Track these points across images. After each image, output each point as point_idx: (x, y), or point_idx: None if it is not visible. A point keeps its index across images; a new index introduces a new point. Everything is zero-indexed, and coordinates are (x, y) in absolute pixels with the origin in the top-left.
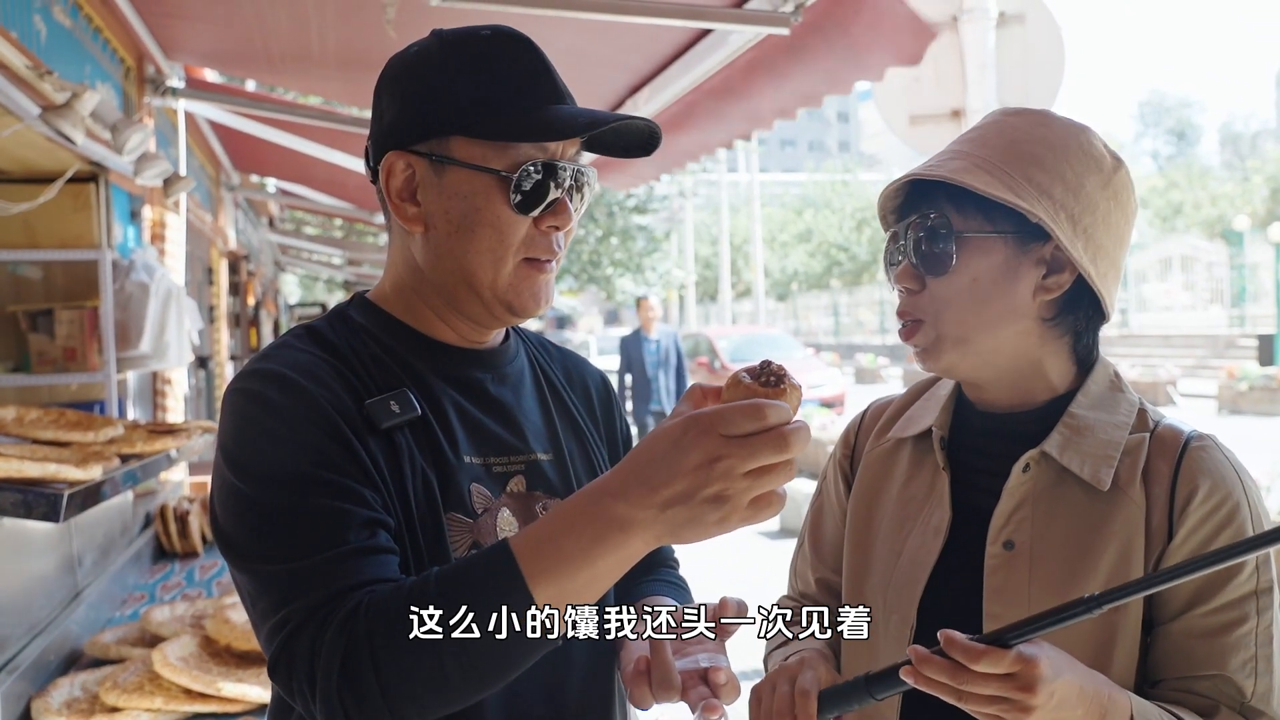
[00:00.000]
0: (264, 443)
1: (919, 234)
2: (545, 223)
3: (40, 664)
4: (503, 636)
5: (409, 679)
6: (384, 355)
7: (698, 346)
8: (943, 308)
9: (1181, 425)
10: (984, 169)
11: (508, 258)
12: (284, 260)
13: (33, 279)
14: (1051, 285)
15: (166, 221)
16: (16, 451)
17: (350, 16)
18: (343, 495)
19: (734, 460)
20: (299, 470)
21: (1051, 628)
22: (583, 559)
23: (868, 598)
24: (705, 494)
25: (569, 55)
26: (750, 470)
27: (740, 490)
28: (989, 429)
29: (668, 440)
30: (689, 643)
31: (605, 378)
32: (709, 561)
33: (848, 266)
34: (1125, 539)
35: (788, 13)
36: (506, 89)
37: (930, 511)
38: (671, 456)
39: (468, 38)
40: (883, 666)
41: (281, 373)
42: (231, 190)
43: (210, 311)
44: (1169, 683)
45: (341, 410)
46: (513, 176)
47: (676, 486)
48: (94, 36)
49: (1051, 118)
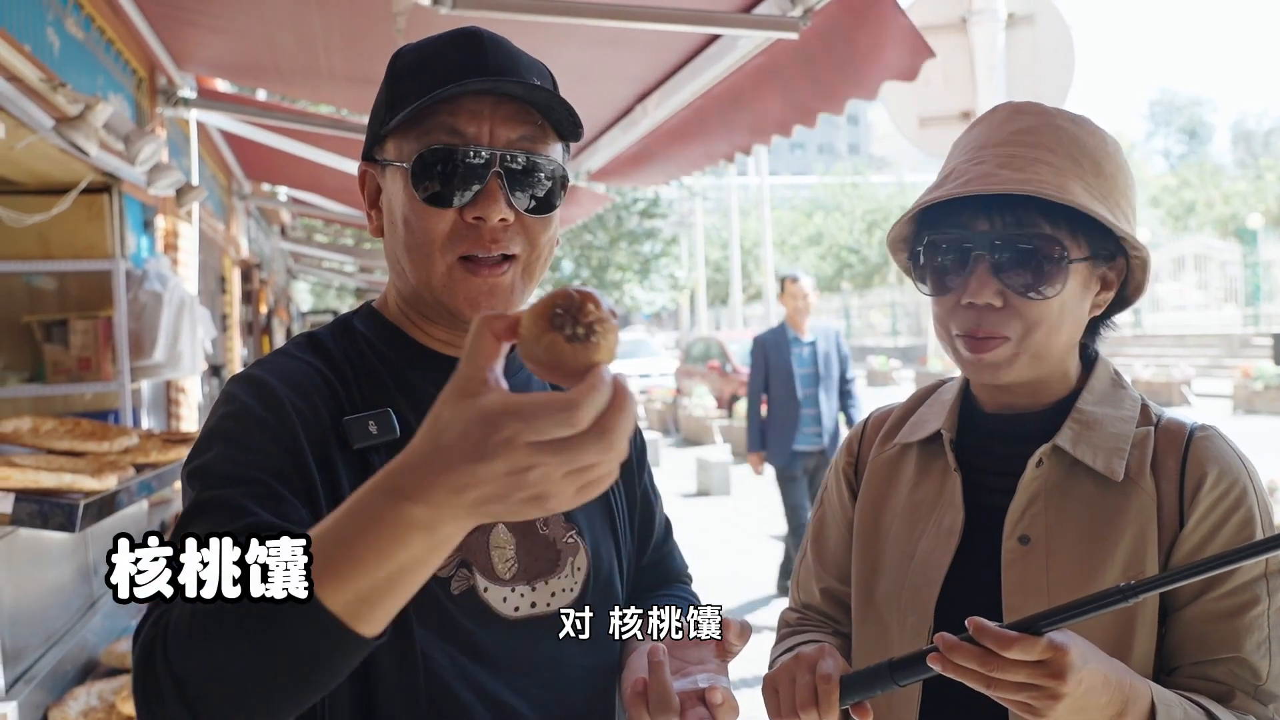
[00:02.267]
0: (214, 441)
1: (1017, 253)
2: (469, 213)
3: (57, 673)
4: (299, 650)
5: (208, 689)
6: (380, 368)
7: (709, 350)
8: (1032, 328)
9: (1184, 418)
10: (1092, 195)
11: (434, 255)
12: (296, 268)
13: (47, 289)
14: (1102, 301)
15: (179, 231)
16: (32, 462)
17: (359, 26)
18: (263, 499)
19: (549, 468)
20: (230, 470)
21: (1085, 616)
22: (380, 559)
23: (879, 602)
24: (519, 496)
25: (577, 63)
26: (570, 471)
27: (562, 487)
28: (996, 430)
29: (465, 443)
30: (688, 663)
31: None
32: (715, 563)
33: (858, 269)
34: (1139, 528)
35: (796, 17)
36: (427, 83)
37: (942, 513)
38: (471, 464)
39: (426, 41)
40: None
41: (264, 380)
42: (243, 199)
43: (223, 320)
44: (1185, 669)
45: (313, 426)
46: (408, 166)
47: (485, 489)
48: (106, 48)
49: (1101, 131)
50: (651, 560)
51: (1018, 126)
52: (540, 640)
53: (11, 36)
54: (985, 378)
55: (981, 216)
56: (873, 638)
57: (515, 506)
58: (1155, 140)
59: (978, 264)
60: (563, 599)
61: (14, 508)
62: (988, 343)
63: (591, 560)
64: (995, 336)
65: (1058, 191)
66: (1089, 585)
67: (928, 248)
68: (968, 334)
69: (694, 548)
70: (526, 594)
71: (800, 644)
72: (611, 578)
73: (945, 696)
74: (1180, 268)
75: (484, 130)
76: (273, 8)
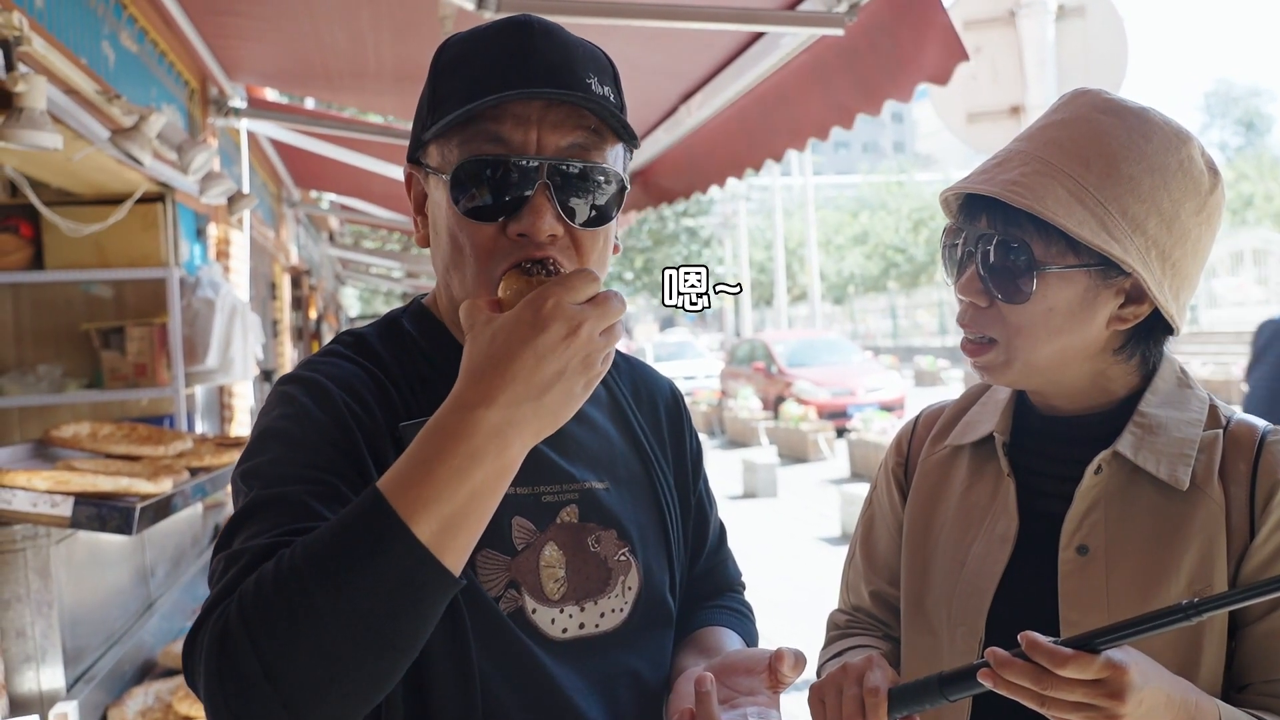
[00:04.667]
0: (270, 443)
1: (994, 255)
2: (513, 229)
3: (116, 674)
4: (388, 586)
5: (296, 658)
6: (430, 373)
7: (754, 352)
8: (1015, 334)
9: (1255, 421)
10: (1077, 199)
11: (479, 271)
12: (344, 274)
13: (104, 297)
14: (1128, 315)
15: (231, 238)
16: (91, 466)
17: (406, 31)
18: (324, 498)
19: (592, 322)
20: (291, 471)
21: (1145, 634)
22: (461, 481)
23: (929, 610)
24: (575, 363)
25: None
26: (604, 329)
27: (599, 349)
28: (1053, 432)
29: (520, 326)
30: (738, 693)
31: (675, 390)
32: (762, 566)
33: (905, 268)
34: (1206, 539)
35: (842, 13)
36: (470, 82)
37: (995, 519)
38: (531, 341)
39: (471, 33)
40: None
41: (318, 380)
42: (293, 206)
43: (274, 326)
44: (1256, 686)
45: (369, 429)
46: (448, 176)
47: (549, 367)
48: (159, 60)
49: (1151, 124)
50: (704, 569)
51: (1054, 119)
52: (588, 661)
53: (69, 50)
54: (985, 379)
55: (983, 213)
56: (921, 646)
57: (570, 379)
58: (1211, 132)
59: (969, 261)
60: (612, 619)
61: (73, 511)
62: (979, 347)
63: (643, 578)
64: (984, 338)
65: (1024, 194)
66: (1151, 599)
67: (946, 239)
68: (963, 331)
69: (740, 550)
70: (575, 614)
71: (848, 649)
72: (663, 595)
73: (995, 710)
74: (1239, 263)
75: (531, 137)
76: (322, 18)
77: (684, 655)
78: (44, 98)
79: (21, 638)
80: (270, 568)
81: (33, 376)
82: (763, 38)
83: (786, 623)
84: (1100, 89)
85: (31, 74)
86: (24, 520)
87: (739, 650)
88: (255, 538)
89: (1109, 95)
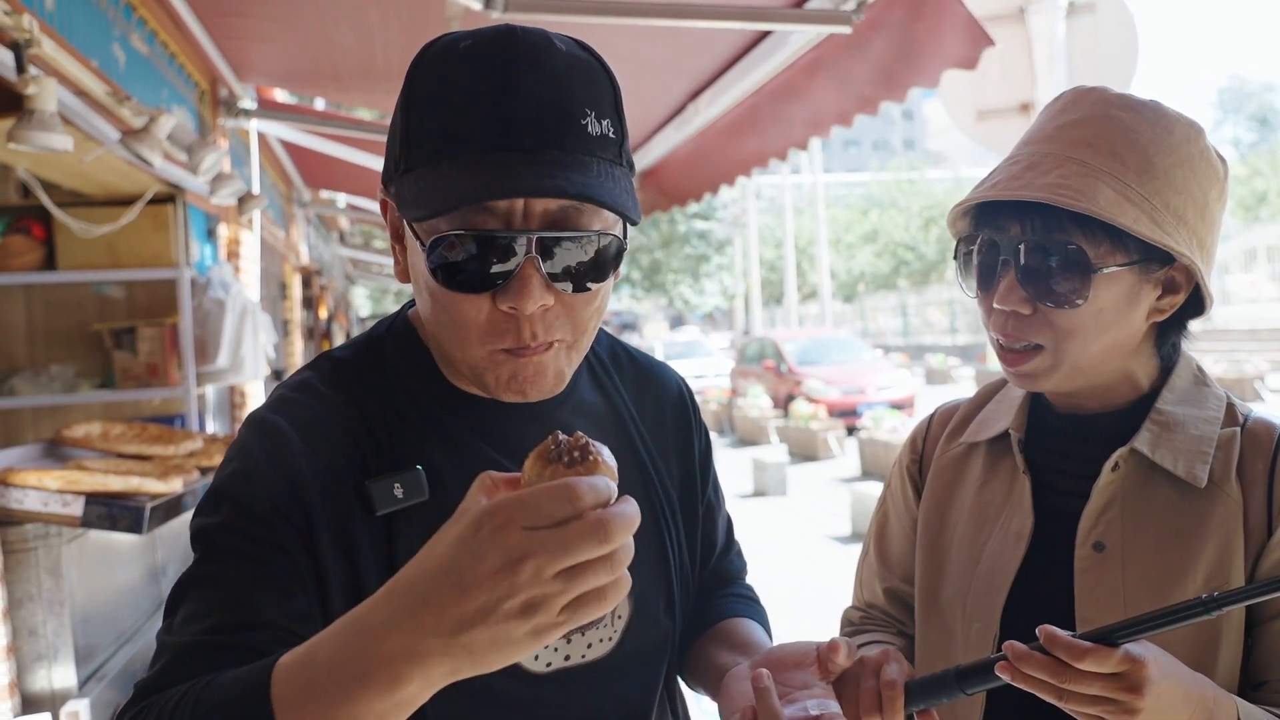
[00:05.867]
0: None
1: (1041, 260)
2: (502, 303)
3: (127, 672)
4: None
5: None
6: (413, 413)
7: (764, 350)
8: (1064, 338)
9: (1272, 419)
10: (1125, 198)
11: (470, 341)
12: (354, 274)
13: (116, 298)
14: (1166, 306)
15: (241, 239)
16: (102, 466)
17: (415, 32)
18: (265, 581)
19: (543, 559)
20: (238, 547)
21: (1163, 628)
22: (342, 700)
23: (943, 606)
24: (509, 606)
25: (628, 62)
26: (564, 569)
27: (553, 595)
28: (1069, 430)
29: (453, 544)
30: (793, 687)
31: (684, 386)
32: (772, 565)
33: (915, 266)
34: (1224, 537)
35: (849, 11)
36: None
37: (1010, 516)
38: (461, 564)
39: (445, 50)
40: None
41: (280, 429)
42: (303, 206)
43: (284, 325)
44: (1273, 683)
45: (329, 489)
46: (425, 244)
47: (471, 602)
48: (169, 62)
49: (1169, 118)
50: (712, 569)
51: (1067, 119)
52: (571, 690)
53: (79, 53)
54: (1025, 387)
55: (1014, 220)
56: (936, 642)
57: (503, 625)
58: (1225, 128)
59: (1005, 269)
60: (600, 649)
61: (84, 510)
62: (1023, 355)
63: (635, 607)
64: (1030, 345)
65: (1075, 196)
66: (1168, 595)
67: (965, 248)
68: (1001, 340)
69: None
70: (561, 647)
71: (863, 645)
72: (656, 616)
73: (1010, 704)
74: (1252, 259)
75: (517, 206)
76: (331, 18)
77: (716, 650)
78: (55, 100)
79: (33, 636)
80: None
81: (45, 376)
82: (770, 36)
83: (796, 621)
84: (1103, 86)
85: (42, 76)
86: (36, 519)
87: (783, 645)
88: (190, 623)
89: (1117, 91)
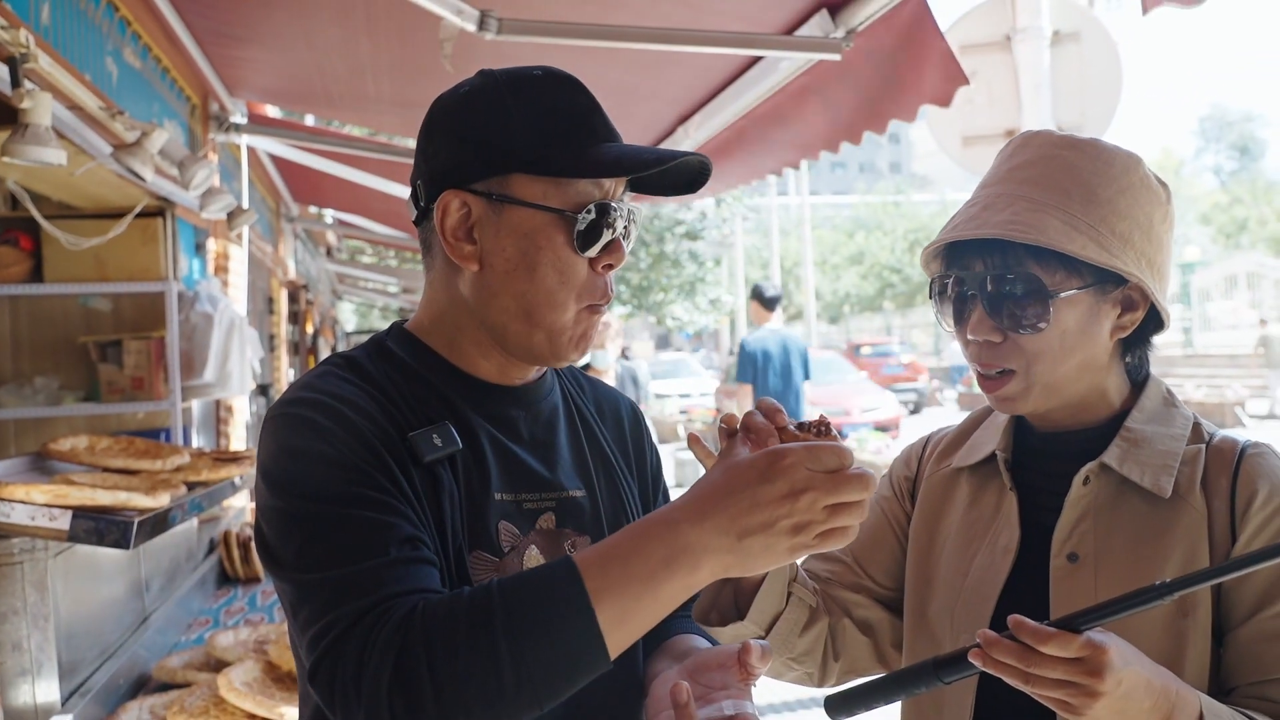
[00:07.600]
0: (306, 463)
1: (1003, 292)
2: (601, 262)
3: (110, 687)
4: (561, 652)
5: (464, 687)
6: (424, 390)
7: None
8: (1033, 360)
9: (1236, 436)
10: (1072, 227)
11: (569, 302)
12: (341, 289)
13: (103, 311)
14: (1127, 323)
15: (229, 253)
16: (89, 480)
17: (407, 52)
18: (386, 510)
19: (819, 493)
20: (342, 489)
21: (1124, 613)
22: (649, 582)
23: (932, 619)
24: (786, 524)
25: (619, 84)
26: (831, 505)
27: (819, 522)
28: (1049, 449)
29: (751, 470)
30: (712, 688)
31: (635, 407)
32: None
33: (900, 288)
34: (1189, 545)
35: (839, 39)
36: (564, 126)
37: (997, 532)
38: (756, 486)
39: (521, 77)
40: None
41: (324, 400)
42: (291, 221)
43: (271, 340)
44: (1242, 689)
45: (385, 440)
46: (575, 215)
47: (759, 515)
48: (162, 76)
49: (1108, 151)
50: None
51: (1017, 161)
52: None
53: (73, 66)
54: (1005, 410)
55: (977, 257)
56: (924, 653)
57: (776, 536)
58: (1206, 157)
59: (974, 303)
60: None
61: (71, 525)
62: (999, 380)
63: None
64: (1004, 370)
65: (1026, 230)
66: None
67: (939, 286)
68: (979, 368)
69: None
70: None
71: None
72: None
73: (998, 702)
74: (1233, 286)
75: (613, 186)
76: (323, 35)
77: (657, 661)
78: (49, 114)
79: (17, 651)
80: (465, 602)
81: (30, 389)
82: (760, 62)
83: None
84: (1048, 129)
85: (37, 90)
86: (22, 533)
87: (708, 649)
88: (365, 559)
89: (1061, 133)
